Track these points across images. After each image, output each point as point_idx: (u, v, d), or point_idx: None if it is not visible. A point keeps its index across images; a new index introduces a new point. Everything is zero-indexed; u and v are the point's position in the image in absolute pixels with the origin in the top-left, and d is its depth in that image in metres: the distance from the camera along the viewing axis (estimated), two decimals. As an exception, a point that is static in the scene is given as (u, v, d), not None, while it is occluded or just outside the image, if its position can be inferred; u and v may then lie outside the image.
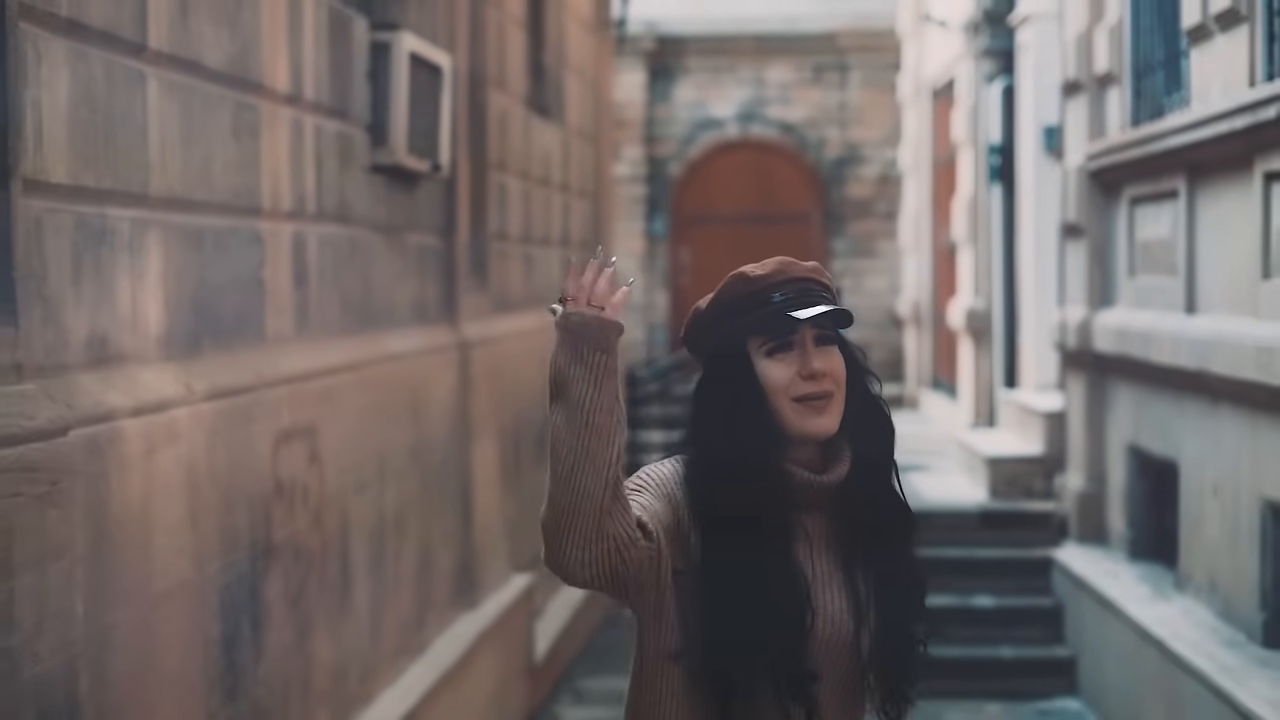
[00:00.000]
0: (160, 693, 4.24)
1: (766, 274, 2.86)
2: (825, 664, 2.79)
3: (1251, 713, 6.48)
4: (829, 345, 2.83)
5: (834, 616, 2.80)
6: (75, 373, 3.83)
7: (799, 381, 2.78)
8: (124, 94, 4.17)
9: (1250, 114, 6.97)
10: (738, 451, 2.77)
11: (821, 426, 2.78)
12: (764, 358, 2.80)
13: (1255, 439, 7.16)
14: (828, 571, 2.83)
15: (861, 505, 2.84)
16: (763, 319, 2.81)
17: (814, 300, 2.82)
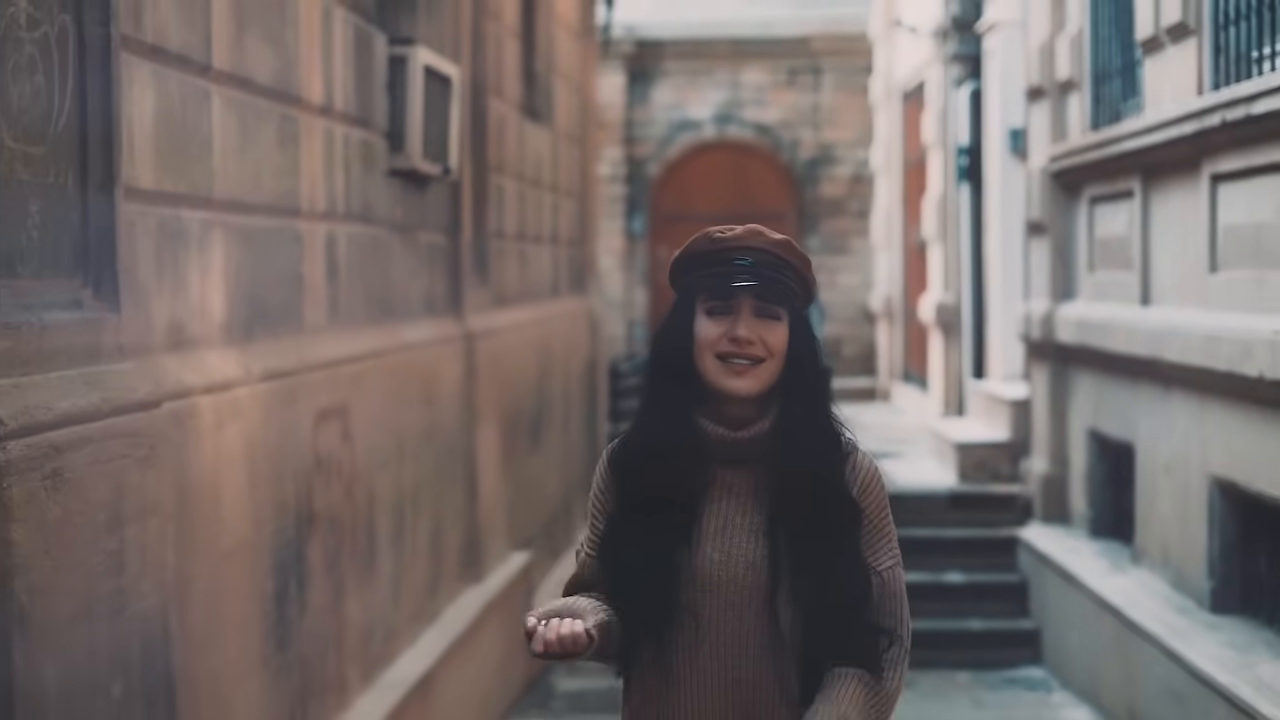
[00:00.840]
0: (227, 637, 4.79)
1: (728, 238, 3.00)
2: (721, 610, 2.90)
3: (1198, 670, 7.06)
4: (771, 319, 2.95)
5: (736, 565, 2.91)
6: (159, 354, 4.38)
7: (724, 341, 2.92)
8: (193, 109, 4.72)
9: (1197, 120, 7.54)
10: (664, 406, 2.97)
11: (735, 386, 2.92)
12: (704, 315, 2.96)
13: (1204, 420, 7.74)
14: (742, 522, 2.94)
15: (780, 466, 2.94)
16: (708, 279, 2.97)
17: (769, 273, 2.95)
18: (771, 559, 2.90)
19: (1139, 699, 7.97)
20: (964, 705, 8.73)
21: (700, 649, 2.90)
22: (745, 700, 2.90)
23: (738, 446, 2.94)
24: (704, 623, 2.89)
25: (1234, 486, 7.43)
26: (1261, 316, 6.86)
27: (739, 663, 2.90)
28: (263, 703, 5.09)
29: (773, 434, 2.94)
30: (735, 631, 2.90)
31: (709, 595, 2.89)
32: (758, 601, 2.90)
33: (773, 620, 2.90)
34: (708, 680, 2.90)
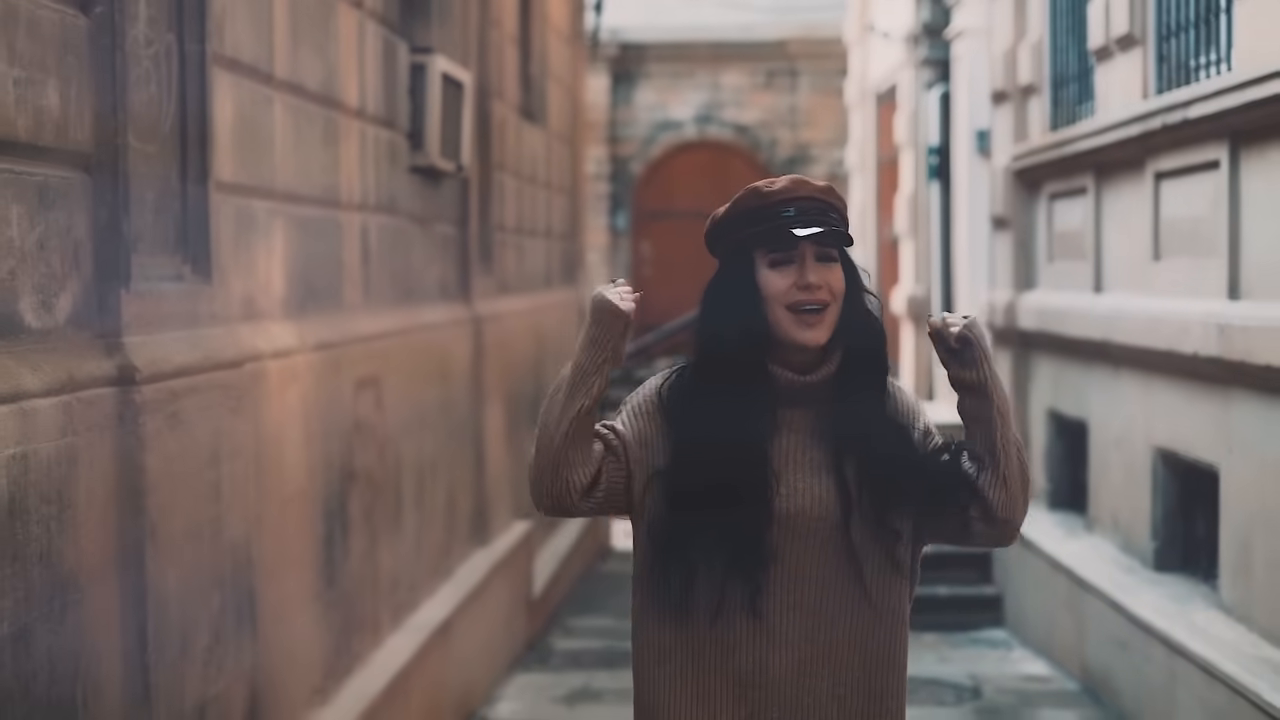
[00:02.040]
0: (290, 570, 5.52)
1: (777, 190, 3.05)
2: (798, 549, 2.98)
3: (1141, 619, 7.82)
4: (830, 262, 3.03)
5: (806, 500, 2.98)
6: (236, 323, 5.10)
7: (794, 291, 2.99)
8: (260, 112, 5.45)
9: (1142, 123, 8.30)
10: (729, 349, 3.00)
11: (810, 337, 2.99)
12: (766, 268, 3.01)
13: (1148, 396, 8.50)
14: (813, 460, 3.01)
15: (849, 404, 3.02)
16: (767, 233, 3.01)
17: (820, 219, 3.01)
18: (841, 491, 2.99)
19: (1088, 649, 8.74)
20: (931, 660, 9.48)
21: (773, 579, 2.96)
22: (820, 624, 2.97)
23: (807, 390, 3.01)
24: (778, 556, 2.96)
25: (1174, 455, 8.19)
26: (1197, 300, 7.62)
27: (812, 590, 2.97)
28: (316, 631, 5.83)
29: (839, 375, 3.03)
30: (804, 561, 2.97)
31: (782, 530, 2.96)
32: (827, 532, 2.97)
33: (849, 549, 2.98)
34: (780, 605, 2.96)
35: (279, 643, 5.31)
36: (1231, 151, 7.29)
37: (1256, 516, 6.96)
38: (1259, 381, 6.85)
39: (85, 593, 3.78)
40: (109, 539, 3.92)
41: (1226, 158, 7.32)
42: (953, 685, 8.90)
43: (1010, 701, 8.55)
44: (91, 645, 3.83)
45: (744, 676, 2.98)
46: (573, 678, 9.02)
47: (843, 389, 3.03)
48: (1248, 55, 7.07)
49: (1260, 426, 6.92)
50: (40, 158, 3.74)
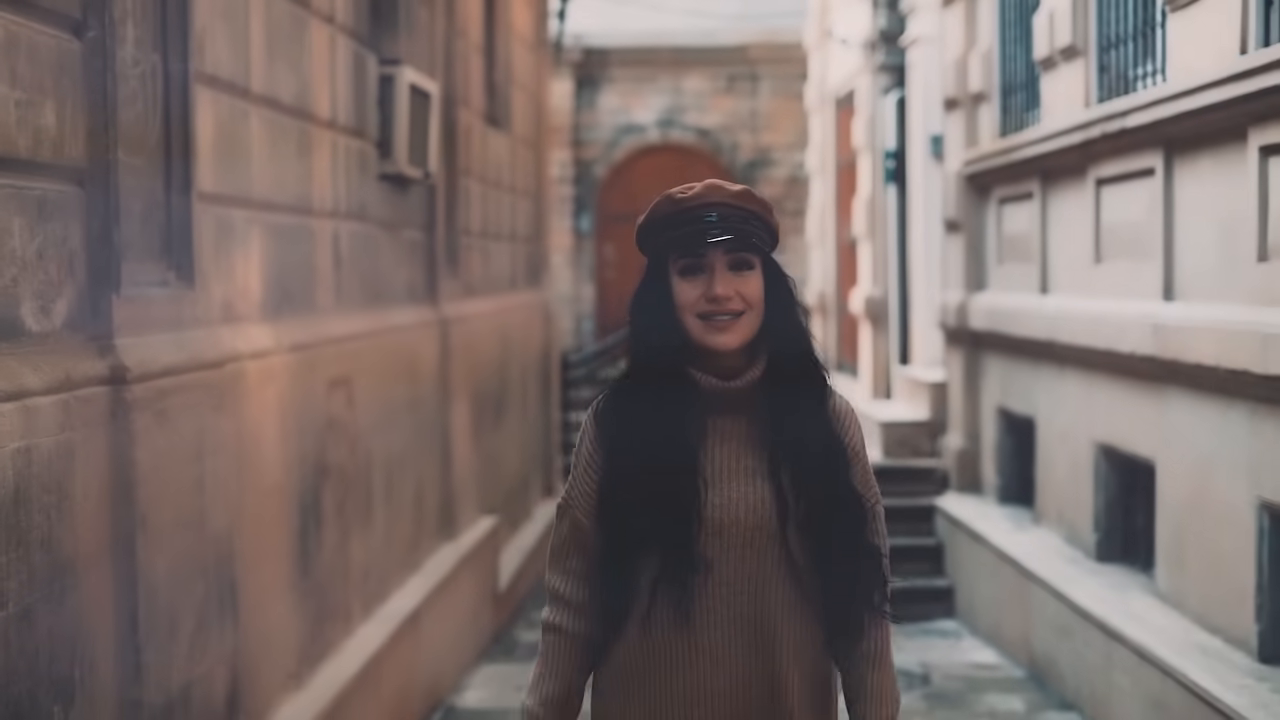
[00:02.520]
0: (268, 560, 5.81)
1: (689, 197, 3.02)
2: (734, 558, 2.98)
3: (1081, 607, 8.16)
4: (745, 270, 3.00)
5: (740, 508, 2.98)
6: (217, 326, 5.39)
7: (703, 301, 2.97)
8: (238, 125, 5.73)
9: (1083, 131, 8.64)
10: (652, 357, 3.01)
11: (719, 341, 2.97)
12: (677, 277, 3.00)
13: (1090, 394, 8.85)
14: (747, 468, 3.00)
15: (783, 410, 3.01)
16: (677, 240, 3.00)
17: (738, 225, 2.99)
18: (777, 498, 2.97)
19: (1033, 636, 9.08)
20: (884, 650, 9.79)
21: (708, 590, 2.95)
22: (753, 634, 2.97)
23: (731, 395, 2.99)
24: (711, 565, 2.95)
25: (1114, 450, 8.54)
26: (1134, 301, 7.97)
27: (748, 600, 2.96)
28: (291, 619, 6.11)
29: (764, 380, 3.01)
30: (740, 571, 2.96)
31: (716, 538, 2.96)
32: (762, 540, 2.96)
33: (785, 556, 2.97)
34: (714, 618, 2.96)
35: (257, 629, 5.60)
36: (1166, 159, 7.63)
37: (1190, 508, 7.30)
38: (1191, 379, 7.19)
39: (82, 577, 4.07)
40: (103, 528, 4.21)
41: (1161, 165, 7.66)
42: (904, 673, 9.22)
43: (958, 688, 8.88)
44: (87, 626, 4.11)
45: (688, 692, 2.98)
46: (537, 668, 9.30)
47: (772, 395, 3.02)
48: (1181, 68, 7.41)
49: (1193, 422, 7.26)
50: (39, 173, 4.03)
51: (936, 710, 8.37)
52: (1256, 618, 6.59)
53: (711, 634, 2.97)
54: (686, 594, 2.95)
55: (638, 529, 2.97)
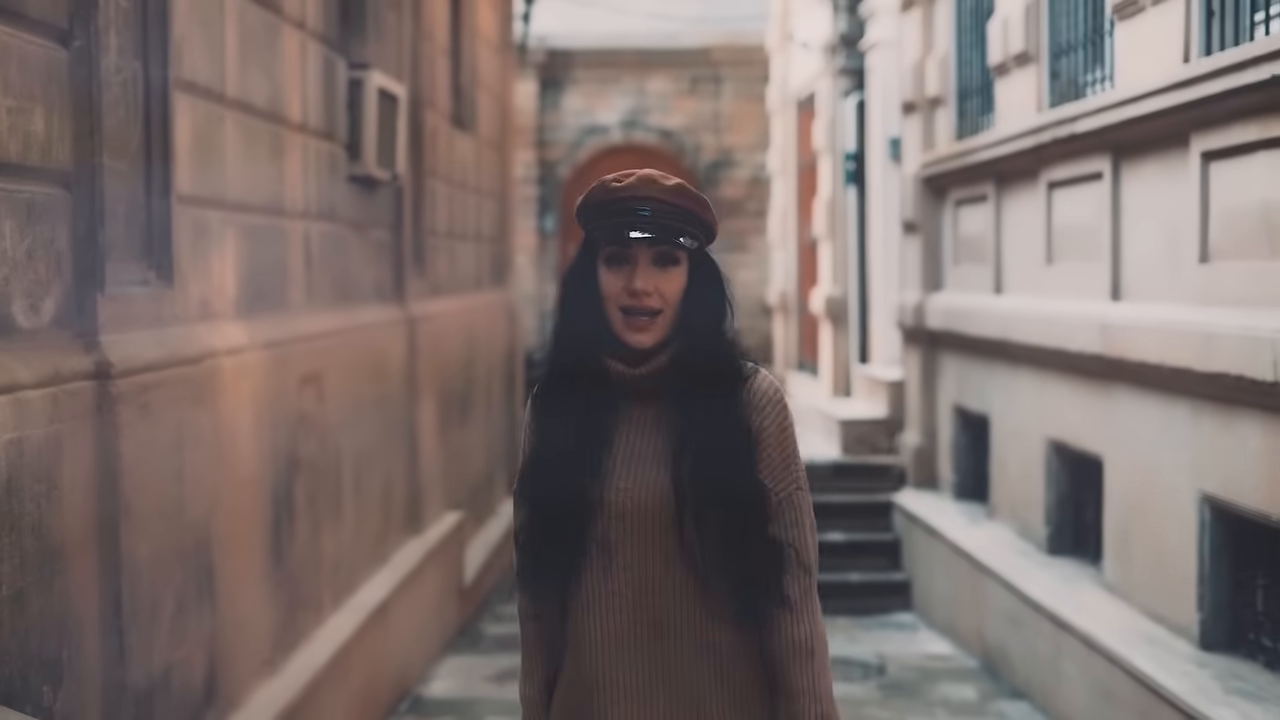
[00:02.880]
0: (243, 549, 5.99)
1: (623, 187, 3.02)
2: (637, 544, 3.00)
3: (1032, 598, 8.40)
4: (669, 265, 3.01)
5: (641, 494, 2.99)
6: (194, 323, 5.58)
7: (624, 294, 2.99)
8: (214, 129, 5.92)
9: (1035, 136, 8.88)
10: (571, 343, 3.05)
11: (635, 340, 3.01)
12: (603, 264, 3.02)
13: (1042, 392, 9.09)
14: (653, 453, 3.02)
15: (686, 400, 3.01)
16: (606, 230, 3.01)
17: (668, 221, 2.99)
18: (676, 485, 2.97)
19: (986, 627, 9.32)
20: (842, 641, 10.03)
21: (611, 574, 2.98)
22: (654, 619, 2.97)
23: (638, 381, 3.01)
24: (614, 549, 2.98)
25: (1065, 446, 8.78)
26: (1083, 301, 8.21)
27: (647, 584, 2.97)
28: (266, 607, 6.30)
29: (671, 367, 3.02)
30: (642, 555, 2.97)
31: (619, 523, 2.98)
32: (659, 528, 2.97)
33: (681, 542, 2.96)
34: (619, 602, 2.98)
35: (234, 616, 5.79)
36: (1114, 164, 7.87)
37: (1135, 502, 7.55)
38: (1137, 377, 7.43)
39: (70, 562, 4.26)
40: (89, 516, 4.40)
41: (1109, 169, 7.90)
42: (860, 663, 9.46)
43: (913, 678, 9.11)
44: (74, 610, 4.30)
45: (597, 675, 3.01)
46: (502, 659, 9.51)
47: (681, 383, 3.02)
48: (1128, 75, 7.65)
49: (1138, 419, 7.50)
50: (28, 177, 4.21)
51: (892, 700, 8.60)
52: (1198, 607, 6.83)
53: (617, 617, 2.99)
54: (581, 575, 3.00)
55: (542, 515, 3.03)
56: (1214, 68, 6.41)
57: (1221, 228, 6.57)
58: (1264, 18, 6.37)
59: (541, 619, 3.14)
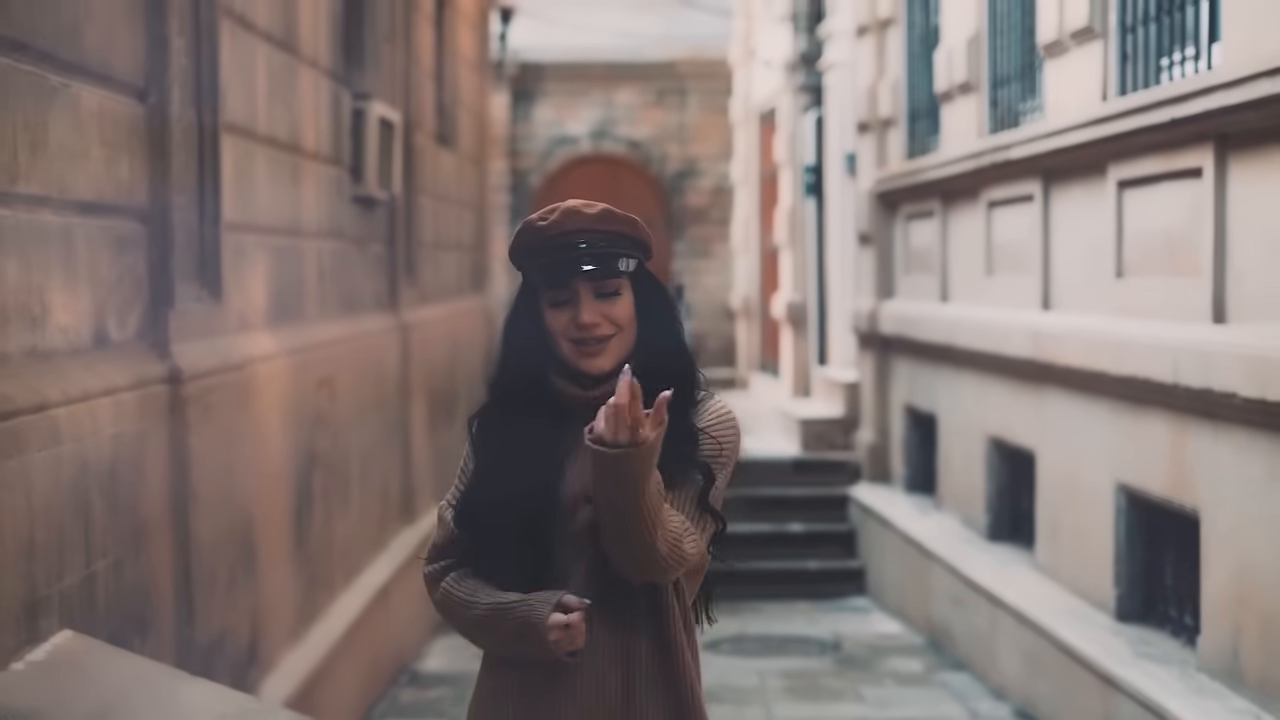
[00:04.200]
0: (273, 532, 6.82)
1: (548, 225, 3.00)
2: (572, 552, 2.99)
3: (972, 580, 9.27)
4: (609, 295, 3.00)
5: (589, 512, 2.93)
6: (234, 334, 6.40)
7: (573, 328, 2.98)
8: (248, 163, 6.74)
9: (976, 160, 9.75)
10: (517, 370, 3.03)
11: (592, 366, 3.00)
12: (548, 305, 3.00)
13: (982, 392, 9.96)
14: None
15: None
16: (540, 271, 3.00)
17: (604, 248, 2.98)
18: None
19: (932, 607, 10.19)
20: (802, 623, 10.90)
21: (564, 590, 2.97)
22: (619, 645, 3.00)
23: (592, 405, 2.92)
24: (566, 568, 2.99)
25: (1003, 442, 9.65)
26: (1018, 311, 9.08)
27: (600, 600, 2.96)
28: (290, 583, 7.13)
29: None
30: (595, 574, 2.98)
31: (572, 543, 3.00)
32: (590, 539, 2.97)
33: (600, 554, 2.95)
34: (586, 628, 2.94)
35: (269, 590, 6.62)
36: (1044, 187, 8.75)
37: (1063, 492, 8.42)
38: (1063, 379, 8.30)
39: (152, 538, 5.08)
40: (166, 499, 5.22)
41: (1040, 192, 8.78)
42: (818, 642, 10.32)
43: (865, 654, 9.98)
44: (155, 578, 5.12)
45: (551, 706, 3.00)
46: (489, 640, 10.31)
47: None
48: (1056, 107, 8.53)
49: (1065, 417, 8.37)
50: (117, 214, 5.03)
51: (846, 672, 9.46)
52: (1115, 583, 7.70)
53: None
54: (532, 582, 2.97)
55: (497, 541, 2.99)
56: (1125, 108, 7.29)
57: (1133, 248, 7.45)
58: (1169, 63, 7.26)
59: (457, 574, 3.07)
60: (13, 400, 4.00)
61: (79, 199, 4.67)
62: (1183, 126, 6.70)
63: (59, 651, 4.12)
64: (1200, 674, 6.63)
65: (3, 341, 4.07)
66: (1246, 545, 6.23)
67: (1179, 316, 6.84)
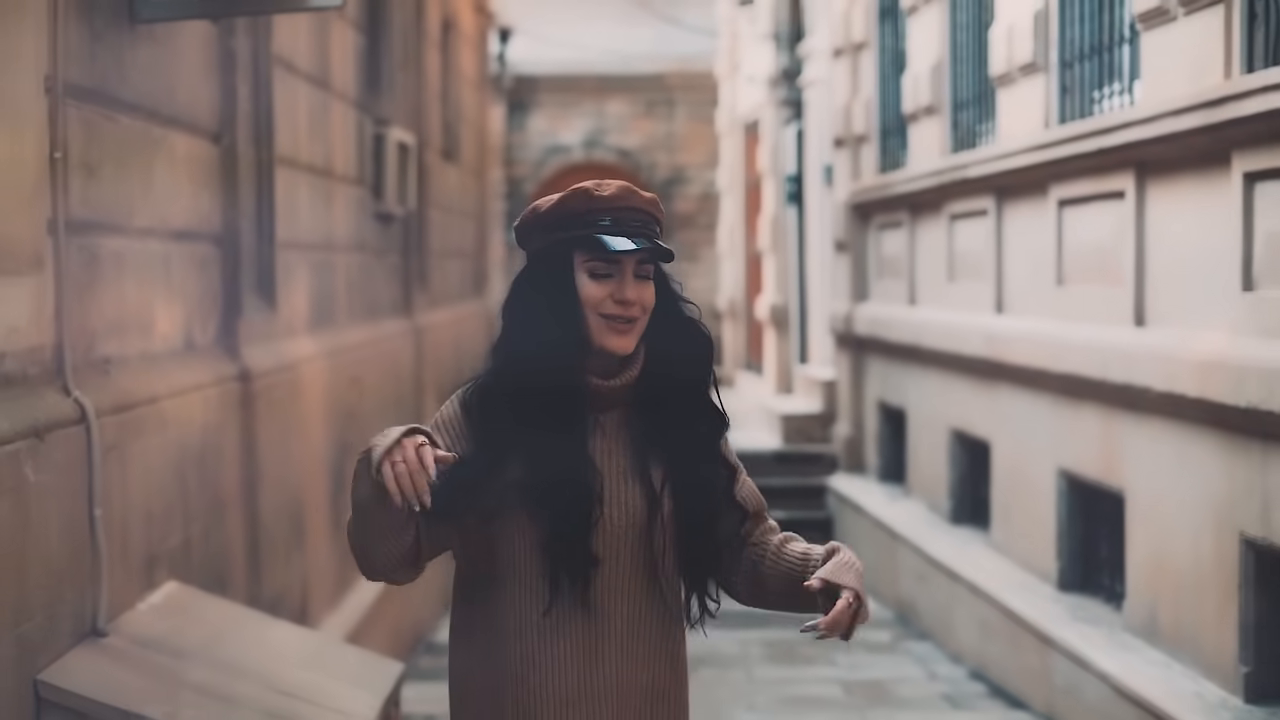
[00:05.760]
0: (316, 512, 7.78)
1: (609, 196, 2.98)
2: (615, 551, 3.00)
3: (935, 559, 10.24)
4: (645, 277, 2.99)
5: (625, 505, 3.00)
6: (283, 339, 7.36)
7: (610, 302, 2.95)
8: (293, 189, 7.70)
9: (938, 176, 10.73)
10: (541, 351, 2.94)
11: (619, 345, 2.98)
12: (585, 273, 2.95)
13: (945, 388, 10.93)
14: (623, 464, 3.02)
15: (653, 406, 3.04)
16: (594, 241, 2.94)
17: (645, 232, 2.97)
18: (647, 499, 3.02)
19: (899, 585, 11.18)
20: (781, 601, 11.87)
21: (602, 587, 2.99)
22: (630, 617, 3.01)
23: (613, 394, 3.00)
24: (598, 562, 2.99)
25: (963, 434, 10.63)
26: (975, 314, 10.06)
27: (621, 587, 3.00)
28: (330, 557, 8.09)
29: (643, 381, 3.05)
30: (621, 567, 3.01)
31: (599, 536, 2.99)
32: (634, 537, 3.00)
33: (649, 553, 3.01)
34: (598, 607, 3.00)
35: (314, 562, 7.59)
36: (997, 203, 9.73)
37: (1013, 477, 9.40)
38: (1013, 376, 9.28)
39: (229, 511, 6.05)
40: (239, 479, 6.19)
41: (994, 207, 9.76)
42: (796, 616, 11.27)
43: (840, 626, 10.94)
44: (231, 544, 6.09)
45: (569, 693, 2.99)
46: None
47: (647, 395, 3.06)
48: (1006, 132, 9.52)
49: (1015, 410, 9.35)
50: (200, 240, 6.00)
51: (820, 641, 10.40)
52: (1057, 557, 8.68)
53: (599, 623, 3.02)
54: (588, 587, 2.97)
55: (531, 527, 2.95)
56: (1063, 136, 8.26)
57: (1071, 259, 8.43)
58: (1100, 97, 8.24)
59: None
60: (133, 394, 4.97)
61: (174, 228, 5.64)
62: (1109, 154, 7.67)
63: (169, 597, 5.09)
64: (1125, 633, 7.61)
65: (125, 346, 5.04)
66: (1161, 520, 7.21)
67: (1107, 320, 7.81)
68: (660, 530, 3.02)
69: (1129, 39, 7.85)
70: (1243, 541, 6.34)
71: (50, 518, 4.21)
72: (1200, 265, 6.80)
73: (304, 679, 5.14)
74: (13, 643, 3.96)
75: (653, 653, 3.07)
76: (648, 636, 3.05)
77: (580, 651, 2.99)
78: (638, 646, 3.04)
